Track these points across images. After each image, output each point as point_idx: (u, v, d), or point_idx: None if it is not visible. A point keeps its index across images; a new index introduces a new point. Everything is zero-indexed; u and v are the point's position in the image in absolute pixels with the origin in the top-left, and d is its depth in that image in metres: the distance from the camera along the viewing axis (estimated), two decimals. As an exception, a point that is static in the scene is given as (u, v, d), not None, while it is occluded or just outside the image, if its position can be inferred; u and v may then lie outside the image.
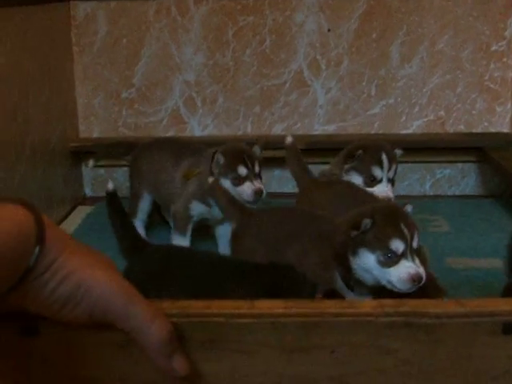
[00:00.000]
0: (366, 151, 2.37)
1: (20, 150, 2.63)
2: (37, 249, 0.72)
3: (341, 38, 3.28)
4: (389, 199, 2.31)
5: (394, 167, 2.39)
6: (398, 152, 2.45)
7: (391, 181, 2.39)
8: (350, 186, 2.27)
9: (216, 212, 2.41)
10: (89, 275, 0.74)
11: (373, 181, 2.36)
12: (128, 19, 3.28)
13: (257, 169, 2.39)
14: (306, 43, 3.29)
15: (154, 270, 1.66)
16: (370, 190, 2.29)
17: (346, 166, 2.39)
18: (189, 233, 2.55)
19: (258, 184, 2.36)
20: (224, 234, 2.50)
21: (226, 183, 2.36)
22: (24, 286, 0.73)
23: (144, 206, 2.72)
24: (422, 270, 1.64)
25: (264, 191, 2.37)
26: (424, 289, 1.61)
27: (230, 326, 0.79)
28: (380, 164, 2.36)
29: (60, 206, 3.08)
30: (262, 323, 0.79)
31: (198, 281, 1.52)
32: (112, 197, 2.09)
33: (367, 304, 0.80)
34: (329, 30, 3.27)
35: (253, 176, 2.37)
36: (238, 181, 2.37)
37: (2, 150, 2.47)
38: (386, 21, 3.26)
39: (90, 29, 3.29)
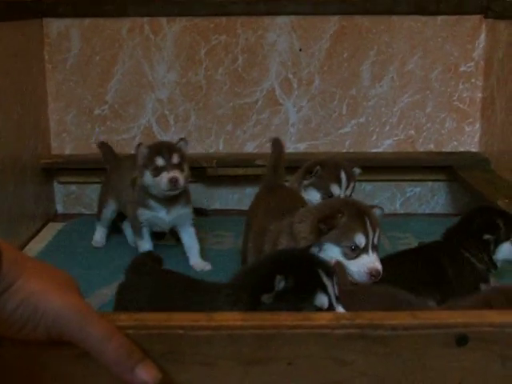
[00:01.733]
0: (323, 168, 2.40)
1: (-10, 167, 2.63)
2: None
3: (312, 58, 3.32)
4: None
5: (351, 185, 2.43)
6: (357, 170, 2.49)
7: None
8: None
9: (163, 215, 2.62)
10: (45, 299, 0.75)
11: (330, 197, 2.39)
12: (101, 37, 3.29)
13: (175, 159, 2.52)
14: (278, 62, 3.32)
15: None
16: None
17: (305, 182, 2.42)
18: (146, 236, 2.66)
19: (173, 173, 2.49)
20: (191, 245, 2.67)
21: (147, 175, 2.52)
22: None
23: (107, 212, 2.88)
24: (379, 266, 1.79)
25: (181, 180, 2.50)
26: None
27: (188, 337, 0.79)
28: (338, 182, 2.39)
29: (31, 222, 3.07)
30: (220, 335, 0.79)
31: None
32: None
33: (323, 316, 0.81)
34: (300, 50, 3.31)
35: (170, 166, 2.50)
36: (156, 171, 2.50)
37: (-28, 166, 2.46)
38: (357, 41, 3.30)
39: (63, 46, 3.30)
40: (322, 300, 1.29)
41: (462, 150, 3.43)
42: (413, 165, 3.36)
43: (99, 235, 2.90)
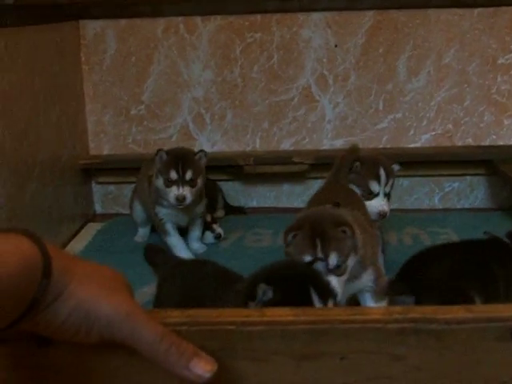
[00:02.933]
0: (363, 164, 2.39)
1: (31, 168, 2.66)
2: (43, 282, 0.73)
3: (348, 53, 3.30)
4: (384, 213, 2.38)
5: (390, 182, 2.41)
6: (396, 167, 2.47)
7: (387, 195, 2.40)
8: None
9: (182, 213, 2.68)
10: (95, 305, 0.75)
11: (370, 194, 2.38)
12: (137, 37, 3.30)
13: (188, 176, 2.57)
14: (314, 59, 3.31)
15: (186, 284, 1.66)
16: (366, 203, 2.34)
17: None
18: (172, 232, 2.73)
19: (182, 190, 2.56)
20: (193, 230, 2.82)
21: (160, 181, 2.59)
22: (32, 316, 0.73)
23: (136, 213, 2.97)
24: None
25: (188, 198, 2.57)
26: None
27: (240, 333, 0.80)
28: (377, 178, 2.38)
29: (70, 222, 3.10)
30: (272, 331, 0.79)
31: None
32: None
33: (376, 311, 0.80)
34: (336, 46, 3.29)
35: (181, 182, 2.56)
36: (168, 182, 2.57)
37: (13, 168, 2.49)
38: (393, 35, 3.28)
39: (100, 47, 3.32)
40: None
41: (500, 143, 3.39)
42: (451, 159, 3.33)
43: (142, 232, 2.99)
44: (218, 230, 2.91)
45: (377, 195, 2.39)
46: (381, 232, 2.62)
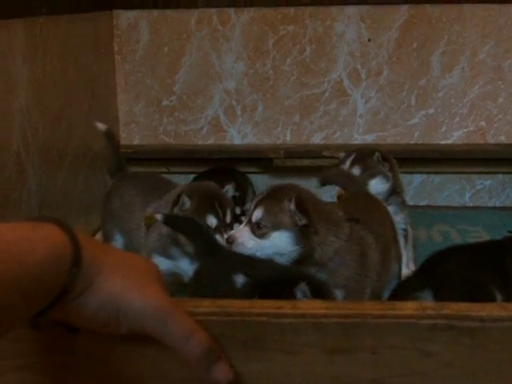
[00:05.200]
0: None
1: (62, 156, 2.68)
2: (73, 271, 0.72)
3: (381, 48, 3.28)
4: None
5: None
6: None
7: None
8: None
9: (185, 265, 2.05)
10: (125, 299, 0.75)
11: None
12: (170, 28, 3.31)
13: (228, 218, 2.02)
14: (346, 53, 3.29)
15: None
16: None
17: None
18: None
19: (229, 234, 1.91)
20: None
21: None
22: (61, 306, 0.73)
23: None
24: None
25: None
26: None
27: (271, 325, 0.79)
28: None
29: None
30: (304, 323, 0.79)
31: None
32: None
33: (409, 306, 0.79)
34: (369, 40, 3.27)
35: (223, 228, 1.99)
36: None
37: (45, 156, 2.51)
38: (427, 30, 3.25)
39: (133, 37, 3.34)
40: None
41: (534, 141, 3.35)
42: (483, 157, 3.29)
43: None
44: None
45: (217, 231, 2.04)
46: (411, 228, 2.62)
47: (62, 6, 2.67)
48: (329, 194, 2.46)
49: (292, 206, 1.70)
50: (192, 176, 3.25)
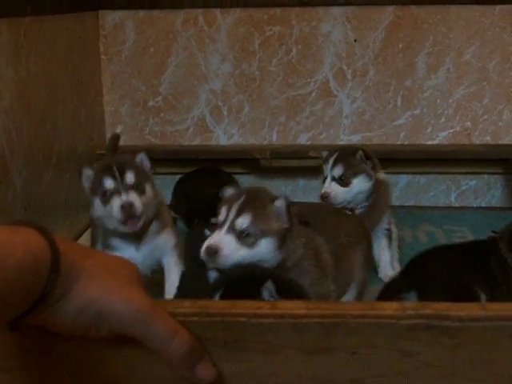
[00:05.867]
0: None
1: (47, 157, 2.66)
2: (51, 277, 0.72)
3: (367, 49, 3.29)
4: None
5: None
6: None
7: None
8: None
9: (131, 254, 1.98)
10: (106, 304, 0.74)
11: None
12: (156, 29, 3.31)
13: (129, 179, 1.93)
14: (332, 53, 3.30)
15: None
16: None
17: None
18: None
19: (126, 197, 1.90)
20: (169, 271, 2.15)
21: (98, 204, 1.97)
22: (40, 311, 0.73)
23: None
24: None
25: (137, 206, 1.91)
26: None
27: (251, 326, 0.79)
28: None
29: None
30: (284, 324, 0.79)
31: None
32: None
33: (389, 306, 0.80)
34: (355, 41, 3.27)
35: (123, 188, 1.91)
36: (106, 197, 1.93)
37: (30, 157, 2.50)
38: (413, 31, 3.26)
39: (119, 38, 3.33)
40: (107, 182, 1.88)
41: (519, 142, 3.36)
42: (469, 157, 3.31)
43: None
44: None
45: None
46: (396, 228, 2.62)
47: (46, 6, 2.66)
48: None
49: (280, 209, 1.63)
50: (178, 176, 3.25)
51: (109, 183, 1.92)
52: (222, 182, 3.02)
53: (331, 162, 2.41)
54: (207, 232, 2.57)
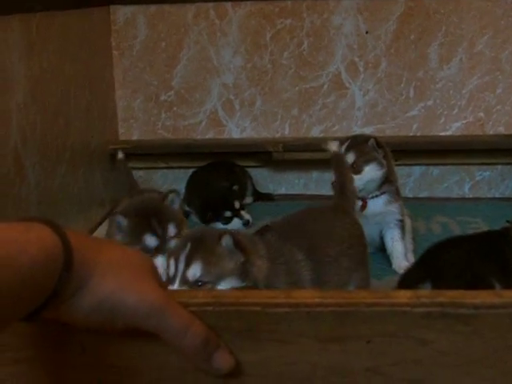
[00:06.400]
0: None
1: (61, 152, 2.68)
2: (63, 274, 0.71)
3: (379, 40, 3.27)
4: None
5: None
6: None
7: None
8: None
9: None
10: (120, 299, 0.74)
11: None
12: (167, 23, 3.31)
13: (171, 232, 1.80)
14: (344, 45, 3.29)
15: None
16: None
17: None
18: None
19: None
20: None
21: None
22: (53, 307, 0.73)
23: None
24: None
25: None
26: None
27: (265, 315, 0.79)
28: None
29: (99, 207, 3.12)
30: (298, 313, 0.79)
31: None
32: None
33: (403, 294, 0.79)
34: (367, 32, 3.26)
35: (166, 246, 1.78)
36: (149, 254, 1.73)
37: (43, 152, 2.51)
38: (425, 22, 3.24)
39: (130, 33, 3.33)
40: (149, 240, 1.73)
41: (533, 132, 3.35)
42: (482, 148, 3.29)
43: None
44: (247, 216, 2.91)
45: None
46: (409, 220, 2.62)
47: (58, 1, 2.67)
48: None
49: (229, 246, 1.52)
50: (191, 170, 3.26)
51: (151, 241, 1.78)
52: (234, 175, 3.04)
53: (343, 149, 2.41)
54: (220, 225, 2.60)
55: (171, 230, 1.78)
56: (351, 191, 2.07)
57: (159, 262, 1.70)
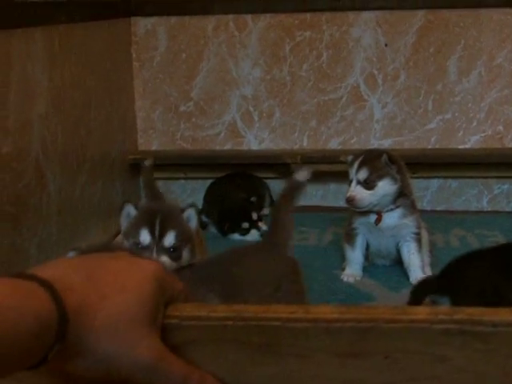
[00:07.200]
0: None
1: (81, 162, 2.70)
2: (56, 346, 0.70)
3: (398, 53, 3.28)
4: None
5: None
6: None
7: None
8: None
9: None
10: (115, 363, 0.73)
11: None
12: (187, 34, 3.33)
13: (168, 242, 1.68)
14: (363, 58, 3.30)
15: None
16: None
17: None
18: None
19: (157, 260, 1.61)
20: None
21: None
22: (45, 366, 0.74)
23: None
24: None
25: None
26: None
27: (285, 330, 0.80)
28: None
29: (118, 217, 3.13)
30: (317, 328, 0.79)
31: None
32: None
33: (422, 311, 0.80)
34: (386, 45, 3.27)
35: (157, 249, 1.67)
36: (136, 249, 1.68)
37: (64, 162, 2.54)
38: (444, 35, 3.25)
39: (150, 44, 3.36)
40: (144, 236, 1.67)
41: (552, 145, 3.33)
42: (501, 161, 3.29)
43: None
44: (264, 227, 2.91)
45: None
46: (426, 232, 2.62)
47: (80, 14, 2.70)
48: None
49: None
50: (209, 181, 3.28)
51: (145, 238, 1.69)
52: (252, 187, 3.05)
53: (356, 165, 2.42)
54: (237, 236, 2.60)
55: (169, 238, 1.67)
56: (284, 223, 1.97)
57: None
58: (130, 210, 1.80)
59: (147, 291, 0.77)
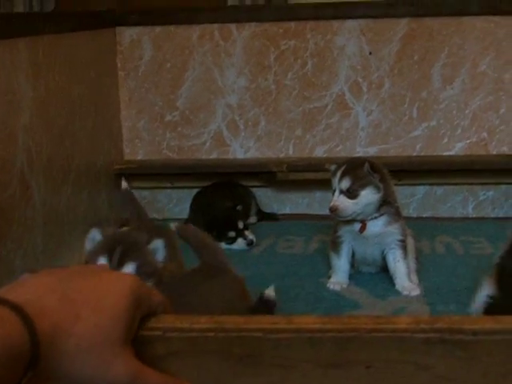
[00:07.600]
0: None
1: (66, 173, 2.70)
2: (29, 373, 0.69)
3: (382, 61, 3.30)
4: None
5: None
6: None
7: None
8: None
9: None
10: (91, 381, 0.73)
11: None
12: (172, 44, 3.34)
13: (129, 268, 1.60)
14: (348, 66, 3.31)
15: None
16: None
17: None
18: None
19: None
20: None
21: None
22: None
23: None
24: None
25: None
26: None
27: (267, 341, 0.80)
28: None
29: (105, 227, 3.12)
30: (299, 338, 0.80)
31: None
32: None
33: (403, 320, 0.80)
34: (370, 53, 3.29)
35: None
36: None
37: (49, 173, 2.53)
38: (428, 43, 3.27)
39: (136, 54, 3.37)
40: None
41: (536, 152, 3.35)
42: (485, 168, 3.30)
43: None
44: (250, 236, 2.92)
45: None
46: (412, 239, 2.62)
47: (65, 24, 2.70)
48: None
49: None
50: (195, 190, 3.28)
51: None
52: (238, 195, 3.05)
53: (339, 174, 2.42)
54: (224, 245, 2.61)
55: (127, 270, 1.58)
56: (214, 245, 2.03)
57: None
58: (96, 235, 1.71)
59: (123, 307, 0.77)
